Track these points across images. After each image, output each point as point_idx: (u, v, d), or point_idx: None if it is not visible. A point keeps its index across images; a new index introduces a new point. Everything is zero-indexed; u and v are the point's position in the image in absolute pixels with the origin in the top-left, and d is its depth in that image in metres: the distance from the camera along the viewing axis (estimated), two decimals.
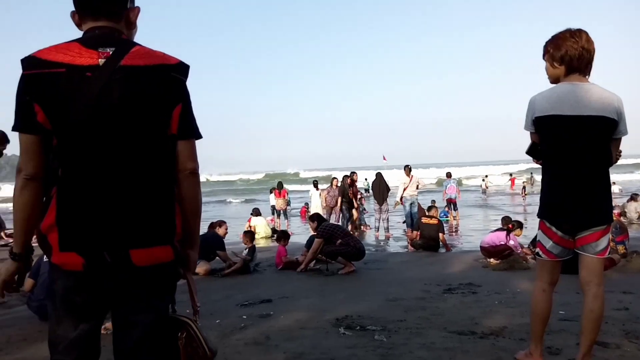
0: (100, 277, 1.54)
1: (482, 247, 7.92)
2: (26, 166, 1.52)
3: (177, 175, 1.64)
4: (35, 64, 1.50)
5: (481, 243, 8.06)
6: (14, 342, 3.83)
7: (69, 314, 1.56)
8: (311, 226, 7.80)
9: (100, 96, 1.48)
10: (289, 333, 3.92)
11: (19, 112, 1.52)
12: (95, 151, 1.51)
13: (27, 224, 1.57)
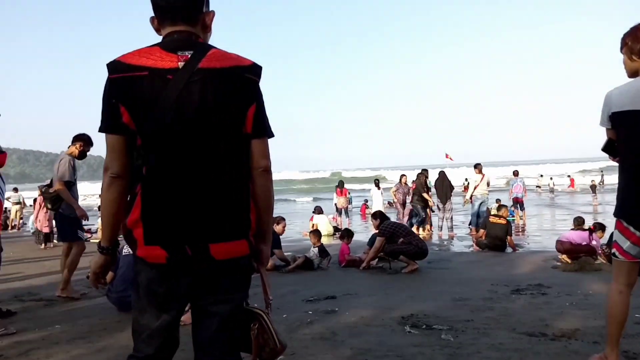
0: (181, 269, 1.61)
1: (560, 242, 7.61)
2: (112, 165, 1.61)
3: (251, 173, 1.70)
4: (120, 68, 1.58)
5: (560, 237, 7.77)
6: (95, 330, 4.08)
7: (151, 304, 1.64)
8: (374, 224, 7.74)
9: (180, 98, 1.56)
10: (354, 329, 3.95)
11: (106, 114, 1.61)
12: (177, 150, 1.58)
13: (113, 219, 1.66)
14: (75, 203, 5.37)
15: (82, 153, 5.60)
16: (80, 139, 5.60)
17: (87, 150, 5.65)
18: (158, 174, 1.58)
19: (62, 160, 5.42)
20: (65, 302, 5.20)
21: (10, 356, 3.41)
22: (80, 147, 5.56)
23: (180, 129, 1.57)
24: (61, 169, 5.36)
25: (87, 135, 5.68)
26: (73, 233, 5.50)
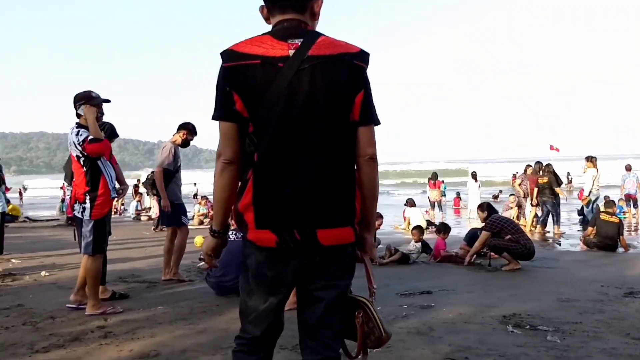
0: (290, 254, 1.64)
1: None
2: (225, 151, 1.65)
3: (357, 160, 1.69)
4: (234, 56, 1.62)
5: None
6: (196, 313, 4.24)
7: (259, 287, 1.68)
8: (480, 216, 7.32)
9: (291, 85, 1.58)
10: (452, 326, 3.80)
11: (220, 102, 1.65)
12: (287, 137, 1.60)
13: (225, 204, 1.71)
14: (164, 192, 5.50)
15: (185, 142, 5.80)
16: (185, 127, 5.80)
17: (190, 139, 5.84)
18: (269, 160, 1.61)
19: (165, 147, 5.65)
20: (166, 285, 5.46)
21: (118, 334, 3.62)
22: (184, 135, 5.76)
23: (290, 116, 1.59)
24: (162, 155, 5.58)
25: (191, 124, 5.88)
26: (177, 218, 5.72)
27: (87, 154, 4.02)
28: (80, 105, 4.14)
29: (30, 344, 3.40)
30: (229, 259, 4.80)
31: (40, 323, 3.92)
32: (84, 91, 4.24)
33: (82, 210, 4.08)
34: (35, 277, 5.97)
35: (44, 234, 11.79)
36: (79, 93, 4.22)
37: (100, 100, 4.23)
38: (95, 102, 4.18)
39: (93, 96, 4.20)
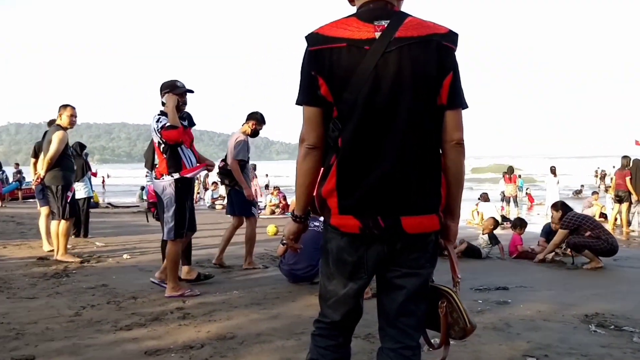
0: (373, 240, 1.61)
1: None
2: (308, 136, 1.64)
3: (443, 146, 1.63)
4: (319, 40, 1.60)
5: None
6: (269, 299, 4.32)
7: (340, 272, 1.67)
8: (554, 216, 6.89)
9: (377, 68, 1.54)
10: (531, 323, 3.63)
11: (304, 86, 1.64)
12: (373, 121, 1.57)
13: (307, 189, 1.70)
14: (244, 182, 5.58)
15: (254, 131, 5.86)
16: (254, 117, 5.84)
17: (259, 128, 5.88)
18: (354, 145, 1.59)
19: (238, 139, 5.72)
20: (240, 271, 5.61)
21: (196, 315, 3.75)
22: (253, 125, 5.81)
23: (376, 100, 1.56)
24: (236, 148, 5.63)
25: (260, 113, 5.89)
26: (248, 209, 5.82)
27: (165, 141, 4.18)
28: (164, 94, 4.30)
29: (115, 321, 3.60)
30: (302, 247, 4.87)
31: (123, 302, 4.14)
32: (170, 80, 4.40)
33: (169, 184, 4.19)
34: (118, 259, 6.32)
35: (125, 220, 12.47)
36: (165, 82, 4.38)
37: (184, 89, 4.38)
38: (179, 91, 4.33)
39: (177, 85, 4.35)
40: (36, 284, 4.84)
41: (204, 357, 2.89)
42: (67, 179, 6.11)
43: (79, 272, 5.43)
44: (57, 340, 3.17)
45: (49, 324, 3.50)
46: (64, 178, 6.07)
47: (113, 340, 3.20)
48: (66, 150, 6.10)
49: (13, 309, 3.89)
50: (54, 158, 5.97)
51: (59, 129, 6.05)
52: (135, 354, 2.94)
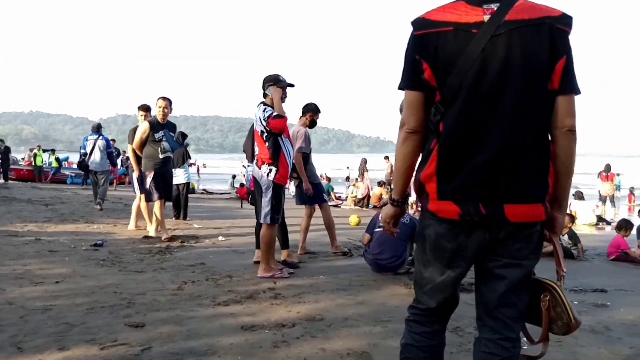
0: (473, 228, 1.58)
1: None
2: (408, 121, 1.65)
3: (553, 132, 1.58)
4: (425, 24, 1.59)
5: None
6: (354, 285, 4.40)
7: (437, 259, 1.66)
8: None
9: (485, 52, 1.51)
10: (634, 328, 3.43)
11: (407, 71, 1.64)
12: (478, 106, 1.54)
13: (406, 174, 1.72)
14: (304, 175, 5.68)
15: (312, 122, 5.93)
16: (310, 109, 5.89)
17: (316, 118, 5.94)
18: (456, 130, 1.56)
19: (299, 132, 5.81)
20: (325, 257, 5.75)
21: (287, 296, 3.93)
22: (310, 117, 5.89)
23: (482, 84, 1.52)
24: (298, 141, 5.68)
25: (314, 104, 5.96)
26: (320, 197, 6.02)
27: (270, 129, 4.41)
28: (268, 86, 4.60)
29: (213, 297, 3.86)
30: (386, 238, 4.90)
31: (220, 280, 4.41)
32: (273, 74, 4.69)
33: (269, 171, 4.46)
34: (214, 240, 6.70)
35: (218, 205, 13.16)
36: (268, 75, 4.68)
37: (285, 84, 4.66)
38: (282, 84, 4.62)
39: (280, 79, 4.64)
40: (143, 259, 5.29)
41: (296, 336, 3.03)
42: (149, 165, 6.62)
43: (180, 251, 5.85)
44: (162, 311, 3.47)
45: (155, 296, 3.83)
46: (146, 165, 6.66)
47: (212, 314, 3.45)
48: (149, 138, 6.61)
49: (124, 281, 4.29)
50: (137, 147, 6.69)
51: (148, 120, 6.80)
52: (233, 328, 3.14)
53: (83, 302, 3.59)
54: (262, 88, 4.65)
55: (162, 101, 6.63)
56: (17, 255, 5.24)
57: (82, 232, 7.06)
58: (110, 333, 2.98)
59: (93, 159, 10.34)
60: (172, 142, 6.82)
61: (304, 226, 6.00)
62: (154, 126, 6.58)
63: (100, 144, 10.35)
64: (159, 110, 6.61)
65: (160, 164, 6.59)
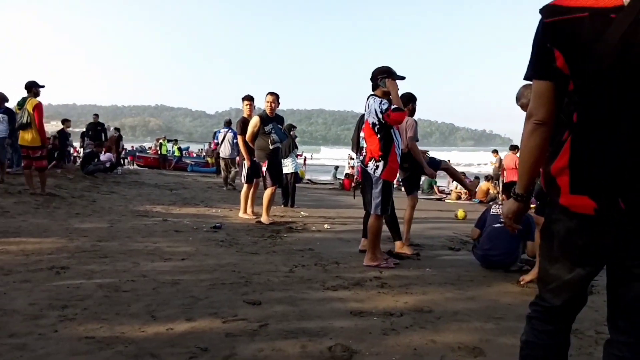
0: (609, 224, 1.49)
1: None
2: (537, 112, 1.58)
3: None
4: (556, 11, 1.51)
5: None
6: (463, 280, 4.33)
7: (566, 256, 1.59)
8: None
9: (625, 37, 1.40)
10: None
11: (536, 60, 1.58)
12: (615, 95, 1.44)
13: (532, 167, 1.66)
14: (423, 162, 5.66)
15: (412, 111, 5.84)
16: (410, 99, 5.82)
17: (415, 106, 5.86)
18: (591, 121, 1.48)
19: (408, 121, 5.69)
20: (432, 250, 5.71)
21: (393, 286, 3.97)
22: (412, 106, 5.79)
23: (622, 71, 1.41)
24: (410, 130, 5.62)
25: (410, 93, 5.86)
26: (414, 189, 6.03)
27: (386, 122, 4.45)
28: (382, 79, 4.61)
29: (322, 281, 4.01)
30: (498, 233, 4.75)
31: (327, 266, 4.56)
32: (384, 66, 4.70)
33: (375, 168, 4.54)
34: (320, 228, 6.93)
35: (322, 195, 13.50)
36: (380, 67, 4.70)
37: (398, 76, 4.66)
38: (396, 77, 4.63)
39: (393, 72, 4.65)
40: (256, 242, 5.62)
41: (404, 325, 3.06)
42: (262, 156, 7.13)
43: (290, 236, 6.13)
44: (277, 291, 3.67)
45: (270, 277, 4.06)
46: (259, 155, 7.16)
47: (322, 297, 3.59)
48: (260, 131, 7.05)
49: (241, 261, 4.59)
50: (249, 139, 7.20)
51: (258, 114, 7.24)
52: (342, 312, 3.25)
53: (206, 279, 3.91)
54: (373, 80, 4.67)
55: (270, 96, 7.08)
56: (148, 233, 5.81)
57: (202, 215, 7.64)
58: (231, 308, 3.23)
59: (223, 148, 12.62)
60: (281, 134, 7.21)
61: (408, 217, 5.98)
62: (263, 120, 7.01)
63: (229, 137, 12.52)
64: (267, 105, 7.07)
65: (271, 154, 6.98)
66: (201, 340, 2.66)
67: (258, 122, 7.04)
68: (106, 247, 4.90)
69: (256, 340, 2.71)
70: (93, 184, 11.17)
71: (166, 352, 2.50)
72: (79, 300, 3.23)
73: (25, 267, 3.96)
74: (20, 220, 6.12)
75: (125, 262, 4.31)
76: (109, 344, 2.56)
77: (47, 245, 4.79)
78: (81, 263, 4.20)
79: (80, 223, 6.25)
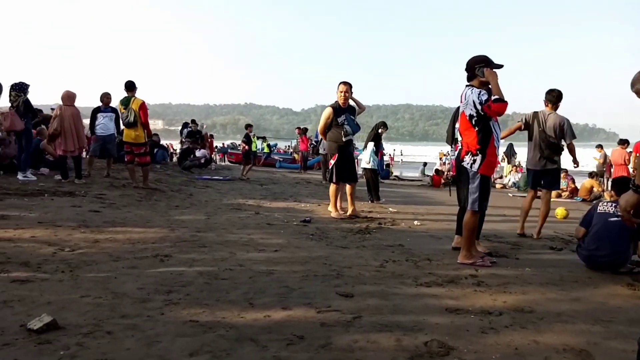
0: None
1: None
2: None
3: None
4: None
5: None
6: (567, 281, 4.06)
7: None
8: None
9: None
10: None
11: None
12: None
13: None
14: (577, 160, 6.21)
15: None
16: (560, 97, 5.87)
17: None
18: None
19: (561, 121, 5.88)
20: (531, 249, 5.42)
21: (490, 285, 3.81)
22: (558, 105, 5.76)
23: None
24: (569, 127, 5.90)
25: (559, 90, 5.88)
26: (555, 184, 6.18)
27: (485, 114, 4.25)
28: (479, 68, 4.39)
29: (414, 277, 3.93)
30: (605, 232, 4.42)
31: (419, 262, 4.47)
32: (481, 55, 4.48)
33: (472, 162, 4.37)
34: (409, 224, 6.82)
35: (411, 191, 13.29)
36: (477, 56, 4.48)
37: (495, 64, 4.42)
38: (493, 65, 4.39)
39: (491, 60, 4.42)
40: (346, 236, 5.64)
41: (504, 325, 2.93)
42: (333, 148, 7.00)
43: (378, 232, 6.09)
44: (368, 285, 3.66)
45: (361, 270, 4.05)
46: (330, 148, 7.06)
47: (415, 293, 3.52)
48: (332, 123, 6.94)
49: (331, 254, 4.63)
50: (321, 132, 7.10)
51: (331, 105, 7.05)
52: (437, 309, 3.17)
53: (299, 270, 3.98)
54: (469, 70, 4.47)
55: (344, 86, 6.89)
56: (242, 225, 6.03)
57: (292, 209, 7.81)
58: (324, 299, 3.26)
59: (322, 144, 13.38)
60: (353, 125, 7.07)
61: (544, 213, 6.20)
62: (336, 111, 6.90)
63: None
64: (341, 94, 6.88)
65: (343, 147, 6.91)
66: (297, 329, 2.71)
67: (331, 113, 6.90)
68: (204, 237, 5.14)
69: (351, 332, 2.71)
70: (189, 179, 11.81)
71: (265, 338, 2.58)
72: (181, 286, 3.42)
73: (132, 255, 4.25)
74: (125, 211, 6.58)
75: (222, 252, 4.50)
76: (211, 328, 2.69)
77: (150, 235, 5.12)
78: (182, 252, 4.44)
79: (179, 215, 6.61)
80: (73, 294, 3.15)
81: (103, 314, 2.81)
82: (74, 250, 4.26)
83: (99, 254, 4.20)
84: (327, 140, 7.14)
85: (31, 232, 4.84)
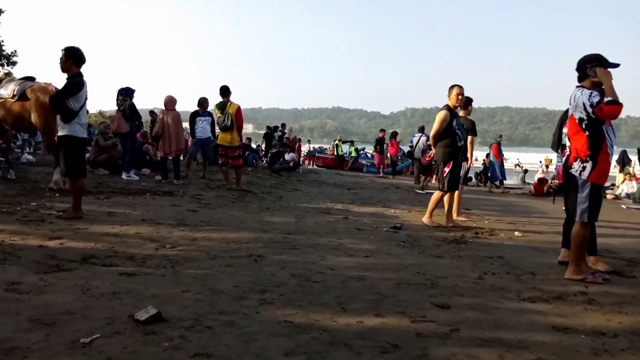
0: None
1: None
2: None
3: None
4: None
5: None
6: None
7: None
8: None
9: None
10: None
11: None
12: None
13: None
14: None
15: None
16: None
17: None
18: None
19: None
20: None
21: (603, 303, 3.47)
22: None
23: None
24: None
25: None
26: None
27: (597, 117, 3.90)
28: (591, 67, 4.03)
29: (517, 291, 3.68)
30: None
31: (522, 276, 4.18)
32: (593, 54, 4.14)
33: (582, 169, 4.03)
34: (509, 235, 6.43)
35: (510, 200, 12.60)
36: (588, 55, 4.13)
37: (610, 63, 4.04)
38: (608, 64, 4.02)
39: (605, 59, 4.05)
40: (439, 245, 5.44)
41: (620, 347, 2.65)
42: (447, 155, 6.61)
43: (475, 242, 5.80)
44: (466, 297, 3.48)
45: (457, 281, 3.87)
46: (444, 154, 6.62)
47: (518, 308, 3.29)
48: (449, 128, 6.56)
49: (425, 263, 4.47)
50: (434, 136, 6.66)
51: (445, 108, 6.63)
52: (543, 326, 2.93)
53: (391, 277, 3.88)
54: (580, 70, 4.12)
55: (459, 88, 6.58)
56: (331, 230, 6.02)
57: (381, 215, 7.70)
58: (419, 309, 3.14)
59: (417, 150, 14.79)
60: (463, 130, 6.76)
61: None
62: (452, 114, 6.60)
63: (422, 140, 14.43)
64: (456, 98, 6.57)
65: (458, 154, 6.63)
66: (391, 337, 2.62)
67: (447, 116, 6.52)
68: (295, 240, 5.19)
69: (448, 345, 2.58)
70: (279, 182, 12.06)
71: (358, 343, 2.51)
72: (275, 287, 3.45)
73: (228, 254, 4.37)
74: (220, 212, 6.83)
75: (313, 255, 4.50)
76: (305, 329, 2.67)
77: (244, 235, 5.25)
78: (274, 253, 4.51)
79: (270, 217, 6.75)
80: (175, 288, 3.29)
81: (203, 309, 2.90)
82: (175, 247, 4.47)
83: (197, 252, 4.37)
84: (438, 146, 6.70)
85: (135, 228, 5.15)
